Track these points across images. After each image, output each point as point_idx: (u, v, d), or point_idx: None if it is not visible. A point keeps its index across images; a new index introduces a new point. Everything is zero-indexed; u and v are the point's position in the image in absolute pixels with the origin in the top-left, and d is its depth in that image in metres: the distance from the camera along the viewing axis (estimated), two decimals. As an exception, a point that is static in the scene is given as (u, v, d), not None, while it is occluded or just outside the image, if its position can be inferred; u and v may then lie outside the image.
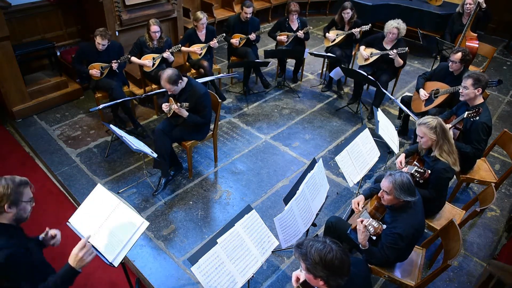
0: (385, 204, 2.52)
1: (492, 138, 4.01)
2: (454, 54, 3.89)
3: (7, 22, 4.31)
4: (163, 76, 3.46)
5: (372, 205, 2.63)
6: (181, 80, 3.52)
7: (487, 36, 7.49)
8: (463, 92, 3.36)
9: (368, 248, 2.52)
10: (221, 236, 2.35)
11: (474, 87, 3.28)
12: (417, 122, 2.94)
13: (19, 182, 1.95)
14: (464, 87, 3.33)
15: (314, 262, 1.76)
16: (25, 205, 1.99)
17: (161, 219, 3.57)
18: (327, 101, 5.49)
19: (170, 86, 3.48)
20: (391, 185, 2.38)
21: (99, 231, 2.38)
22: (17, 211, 1.95)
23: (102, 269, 3.12)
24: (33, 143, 4.43)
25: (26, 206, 2.00)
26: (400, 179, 2.36)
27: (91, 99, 5.18)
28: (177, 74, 3.48)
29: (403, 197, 2.37)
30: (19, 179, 1.96)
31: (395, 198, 2.40)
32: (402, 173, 2.41)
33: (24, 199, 1.97)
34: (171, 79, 3.43)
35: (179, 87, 3.56)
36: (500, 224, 3.67)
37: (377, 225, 2.43)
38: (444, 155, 2.83)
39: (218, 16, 7.01)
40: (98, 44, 4.18)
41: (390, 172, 2.45)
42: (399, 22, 4.62)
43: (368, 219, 2.50)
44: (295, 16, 5.35)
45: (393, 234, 2.43)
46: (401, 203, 2.45)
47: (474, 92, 3.29)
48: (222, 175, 4.13)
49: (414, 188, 2.40)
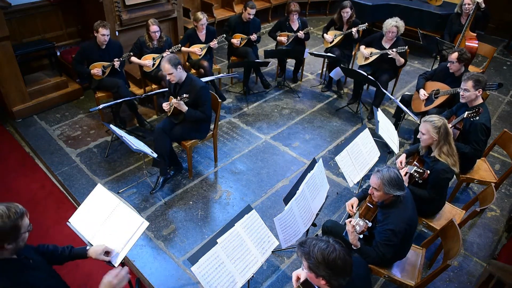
0: (376, 201, 2.54)
1: (492, 138, 4.02)
2: (451, 54, 3.90)
3: (7, 22, 4.31)
4: (164, 59, 3.47)
5: (364, 206, 2.64)
6: (180, 66, 3.51)
7: (487, 36, 7.48)
8: (464, 94, 3.37)
9: (361, 247, 2.54)
10: (221, 236, 2.35)
11: (475, 89, 3.29)
12: (423, 119, 2.94)
13: (16, 216, 1.76)
14: (465, 90, 3.34)
15: (316, 261, 1.75)
16: (24, 235, 1.84)
17: (161, 219, 3.57)
18: (327, 101, 5.49)
19: (169, 67, 3.43)
20: (380, 181, 2.39)
21: (99, 231, 2.38)
22: (15, 245, 1.80)
23: (102, 269, 3.12)
24: (33, 143, 4.43)
25: (24, 236, 1.84)
26: (388, 174, 2.38)
27: (91, 99, 5.18)
28: (177, 58, 3.48)
29: (393, 191, 2.38)
30: (15, 213, 1.76)
31: (385, 193, 2.41)
32: (389, 168, 2.42)
33: (22, 231, 1.81)
34: (171, 60, 3.43)
35: (178, 73, 3.51)
36: (500, 224, 3.67)
37: (363, 223, 2.46)
38: (443, 156, 2.84)
39: (218, 16, 7.01)
40: (103, 36, 4.16)
41: (378, 168, 2.46)
42: (398, 20, 4.62)
43: (356, 219, 2.52)
44: (295, 16, 5.35)
45: (386, 231, 2.45)
46: (391, 199, 2.46)
47: (475, 94, 3.31)
48: (222, 175, 4.13)
49: (402, 182, 2.41)
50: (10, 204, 1.79)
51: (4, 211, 1.73)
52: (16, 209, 1.77)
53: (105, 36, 4.18)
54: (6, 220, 1.71)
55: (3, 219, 1.71)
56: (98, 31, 4.15)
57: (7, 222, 1.71)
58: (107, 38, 4.21)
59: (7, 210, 1.74)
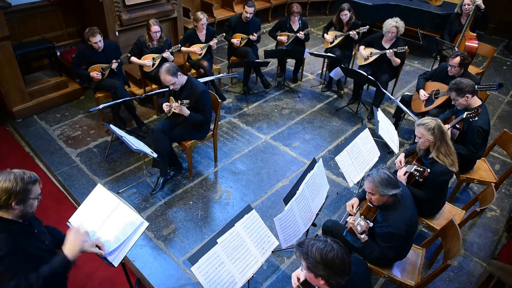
0: (376, 205, 2.54)
1: (492, 138, 4.02)
2: (453, 58, 3.87)
3: (7, 22, 4.31)
4: (162, 70, 3.45)
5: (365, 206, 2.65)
6: (180, 73, 3.51)
7: (487, 36, 7.48)
8: (455, 103, 3.42)
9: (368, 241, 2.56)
10: (221, 236, 2.35)
11: (460, 97, 3.32)
12: (416, 123, 2.94)
13: (28, 180, 1.93)
14: (453, 99, 3.39)
15: (315, 261, 1.76)
16: (32, 201, 1.98)
17: (161, 219, 3.57)
18: (327, 101, 5.49)
19: (170, 78, 3.44)
20: (372, 184, 2.40)
21: (99, 231, 2.39)
22: (23, 208, 1.94)
23: (102, 269, 3.12)
24: (33, 143, 4.43)
25: (33, 202, 1.99)
26: (378, 176, 2.39)
27: (91, 99, 5.18)
28: (174, 65, 3.49)
29: (387, 191, 2.38)
30: (28, 178, 1.94)
31: (381, 195, 2.42)
32: (378, 170, 2.43)
33: (31, 196, 1.96)
34: (170, 70, 3.43)
35: (179, 79, 3.53)
36: (500, 224, 3.67)
37: (364, 223, 2.48)
38: (441, 156, 2.84)
39: (218, 16, 7.01)
40: (95, 44, 4.16)
41: (368, 173, 2.47)
42: (397, 21, 4.62)
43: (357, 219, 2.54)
44: (297, 17, 5.35)
45: (386, 234, 2.47)
46: (390, 201, 2.47)
47: (464, 100, 3.32)
48: (222, 175, 4.13)
49: (394, 180, 2.41)
50: (27, 171, 1.97)
51: (19, 174, 1.92)
52: (30, 175, 1.96)
53: (98, 43, 4.17)
54: (19, 181, 1.89)
55: (17, 180, 1.89)
56: (89, 41, 4.15)
57: (19, 183, 1.89)
58: (100, 44, 4.20)
59: (23, 173, 1.94)
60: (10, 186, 1.86)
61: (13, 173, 1.91)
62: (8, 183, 1.87)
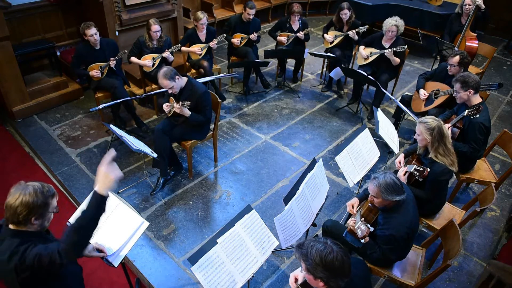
0: (378, 206, 2.54)
1: (492, 138, 4.02)
2: (452, 57, 3.88)
3: (7, 22, 4.31)
4: (159, 75, 3.46)
5: (366, 207, 2.64)
6: (178, 76, 3.51)
7: (487, 36, 7.48)
8: (456, 96, 3.43)
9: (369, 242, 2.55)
10: (221, 236, 2.36)
11: (463, 90, 3.33)
12: (418, 120, 2.95)
13: (48, 194, 1.87)
14: (456, 91, 3.40)
15: (314, 263, 1.76)
16: (50, 215, 1.94)
17: (161, 219, 3.57)
18: (327, 101, 5.49)
19: (168, 82, 3.45)
20: (377, 189, 2.40)
21: (99, 231, 2.39)
22: (41, 222, 1.89)
23: (102, 269, 3.12)
24: (33, 143, 4.43)
25: (50, 216, 1.95)
26: (384, 181, 2.37)
27: (91, 99, 5.18)
28: (172, 69, 3.48)
29: (391, 197, 2.38)
30: (47, 191, 1.88)
31: (384, 200, 2.42)
32: (385, 174, 2.41)
33: (50, 210, 1.91)
34: (167, 74, 3.43)
35: (178, 83, 3.53)
36: (500, 224, 3.67)
37: (365, 228, 2.47)
38: (439, 156, 2.84)
39: (218, 16, 7.01)
40: (91, 36, 4.15)
41: (374, 175, 2.46)
42: (397, 20, 4.62)
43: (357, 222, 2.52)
44: (297, 17, 5.35)
45: (387, 236, 2.46)
46: (393, 204, 2.46)
47: (466, 94, 3.33)
48: (222, 175, 4.13)
49: (400, 187, 2.41)
50: (44, 183, 1.91)
51: (38, 187, 1.84)
52: (49, 188, 1.90)
53: (93, 36, 4.16)
54: (39, 195, 1.82)
55: (37, 194, 1.81)
56: (85, 34, 4.15)
57: (40, 197, 1.82)
58: (96, 37, 4.19)
59: (42, 186, 1.86)
60: (30, 200, 1.78)
61: (31, 186, 1.83)
62: (29, 197, 1.78)
